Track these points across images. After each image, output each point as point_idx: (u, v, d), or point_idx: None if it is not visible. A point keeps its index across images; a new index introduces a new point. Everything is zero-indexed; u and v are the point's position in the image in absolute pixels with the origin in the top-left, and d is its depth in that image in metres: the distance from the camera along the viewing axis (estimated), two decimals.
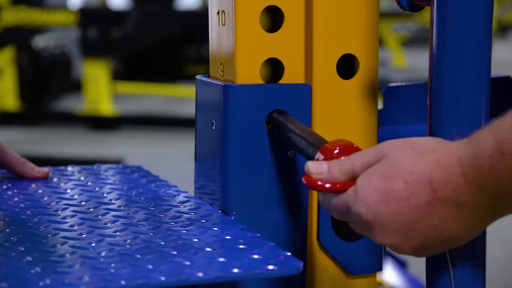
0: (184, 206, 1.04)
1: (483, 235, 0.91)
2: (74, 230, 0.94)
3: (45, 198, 1.08)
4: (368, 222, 0.83)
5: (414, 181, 0.80)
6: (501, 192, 0.77)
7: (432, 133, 0.91)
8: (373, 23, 1.07)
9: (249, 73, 1.03)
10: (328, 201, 0.87)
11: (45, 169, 1.19)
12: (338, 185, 0.86)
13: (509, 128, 0.76)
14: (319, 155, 0.88)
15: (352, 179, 0.85)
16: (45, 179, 1.18)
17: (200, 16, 6.16)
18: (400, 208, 0.80)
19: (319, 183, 0.86)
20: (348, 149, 0.87)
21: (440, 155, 0.80)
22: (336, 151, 0.87)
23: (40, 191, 1.12)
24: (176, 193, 1.10)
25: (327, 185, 0.86)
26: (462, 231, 0.81)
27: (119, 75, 6.79)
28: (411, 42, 9.75)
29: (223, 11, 1.05)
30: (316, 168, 0.86)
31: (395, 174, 0.81)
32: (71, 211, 1.02)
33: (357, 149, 0.87)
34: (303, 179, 0.87)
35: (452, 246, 0.84)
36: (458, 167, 0.78)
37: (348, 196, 0.84)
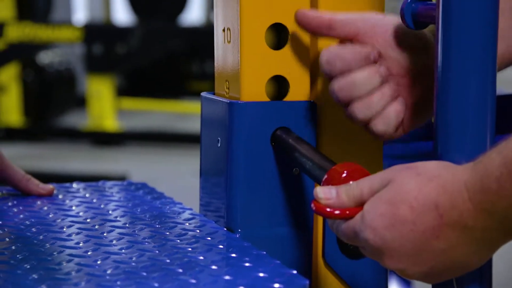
0: (189, 224, 1.04)
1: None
2: (80, 248, 0.94)
3: (50, 215, 1.08)
4: (376, 247, 0.83)
5: (420, 206, 0.80)
6: (510, 213, 0.76)
7: (437, 152, 0.91)
8: None
9: (255, 90, 1.03)
10: (337, 226, 0.88)
11: (50, 186, 1.19)
12: (347, 212, 0.86)
13: None
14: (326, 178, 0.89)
15: (360, 205, 0.85)
16: (50, 196, 1.18)
17: (204, 32, 6.17)
18: (407, 233, 0.81)
19: (328, 209, 0.87)
20: (356, 172, 0.88)
21: (446, 180, 0.80)
22: (344, 175, 0.88)
23: (45, 208, 1.12)
24: (181, 210, 1.10)
25: (336, 212, 0.86)
26: (471, 255, 0.81)
27: (123, 91, 6.80)
28: None
29: (228, 29, 1.05)
30: (325, 193, 0.87)
31: (401, 199, 0.81)
32: (77, 228, 1.02)
33: (364, 172, 0.88)
34: (312, 205, 0.88)
35: (463, 272, 0.83)
36: (464, 191, 0.78)
37: (356, 222, 0.85)
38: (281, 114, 1.03)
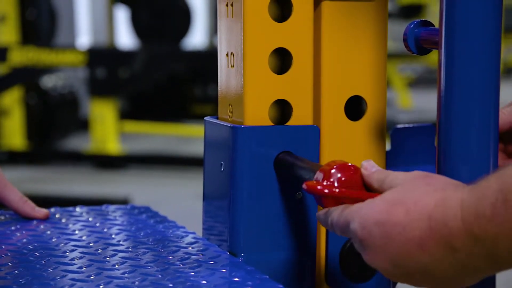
0: (192, 248, 1.04)
1: None
2: (83, 272, 0.93)
3: (53, 239, 1.07)
4: (362, 240, 0.82)
5: (415, 212, 0.79)
6: (500, 243, 0.75)
7: (440, 174, 0.91)
8: (381, 64, 1.07)
9: (258, 114, 1.03)
10: (330, 215, 0.87)
11: (45, 210, 1.19)
12: (336, 190, 0.86)
13: None
14: (318, 174, 0.88)
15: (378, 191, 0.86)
16: (45, 219, 1.17)
17: (207, 56, 6.19)
18: (395, 235, 0.80)
19: (319, 187, 0.87)
20: (344, 167, 0.88)
21: (447, 195, 0.79)
22: (333, 170, 0.88)
23: (48, 232, 1.11)
24: (184, 234, 1.10)
25: (326, 190, 0.86)
26: (453, 277, 0.79)
27: (126, 114, 6.81)
28: (417, 83, 9.78)
29: (232, 53, 1.05)
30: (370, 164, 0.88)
31: (400, 201, 0.81)
32: (80, 252, 1.01)
33: (352, 167, 0.88)
34: (303, 185, 0.88)
35: None
36: (459, 210, 0.77)
37: (351, 211, 0.85)
38: (284, 138, 1.03)
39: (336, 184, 0.87)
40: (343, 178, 0.88)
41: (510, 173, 0.75)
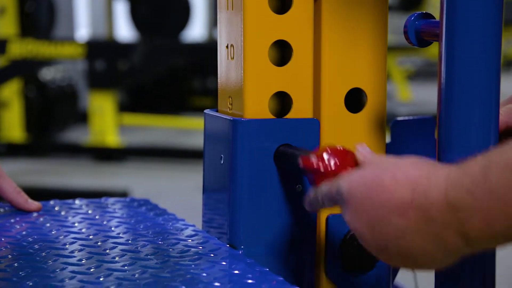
0: (192, 240, 1.04)
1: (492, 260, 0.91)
2: (82, 265, 0.93)
3: (53, 232, 1.07)
4: (346, 199, 0.84)
5: (401, 180, 0.80)
6: (473, 218, 0.75)
7: None
8: (381, 57, 1.07)
9: (258, 106, 1.03)
10: (320, 190, 0.89)
11: (38, 203, 1.19)
12: (331, 163, 0.90)
13: (500, 153, 0.75)
14: (313, 155, 0.91)
15: None
16: (37, 211, 1.18)
17: (206, 49, 6.18)
18: (378, 197, 0.81)
19: (313, 159, 0.90)
20: (337, 148, 0.91)
21: (434, 169, 0.80)
22: (327, 150, 0.90)
23: (48, 224, 1.11)
24: (184, 226, 1.10)
25: (320, 164, 0.89)
26: (426, 250, 0.79)
27: (125, 107, 6.80)
28: (416, 75, 9.77)
29: (232, 45, 1.05)
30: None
31: (390, 169, 0.82)
32: (79, 245, 1.01)
33: (345, 149, 0.91)
34: (299, 160, 0.91)
35: (415, 267, 0.82)
36: (443, 182, 0.78)
37: (342, 177, 0.86)
38: (284, 131, 1.02)
39: (330, 161, 0.90)
40: (336, 158, 0.90)
41: (496, 151, 0.76)
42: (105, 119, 5.59)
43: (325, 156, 0.90)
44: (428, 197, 0.78)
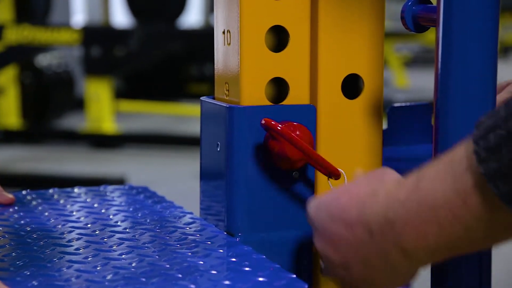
0: (190, 228, 1.04)
1: (488, 259, 0.91)
2: (80, 254, 0.93)
3: (51, 221, 1.07)
4: (313, 222, 0.88)
5: (355, 199, 0.83)
6: (407, 230, 0.77)
7: (438, 153, 0.90)
8: (378, 43, 1.07)
9: (254, 92, 1.03)
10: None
11: (11, 196, 1.16)
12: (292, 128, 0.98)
13: (432, 165, 0.76)
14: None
15: None
16: (10, 204, 1.14)
17: (203, 35, 6.17)
18: (336, 216, 0.84)
19: (273, 122, 0.97)
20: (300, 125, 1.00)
21: (382, 185, 0.83)
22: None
23: (46, 213, 1.11)
24: (181, 214, 1.10)
25: (279, 127, 0.97)
26: (377, 265, 0.81)
27: (121, 93, 6.79)
28: (413, 62, 9.76)
29: (228, 31, 1.05)
30: None
31: (349, 189, 0.86)
32: (77, 234, 1.01)
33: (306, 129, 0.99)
34: (262, 121, 0.97)
35: (374, 285, 0.84)
36: (385, 197, 0.80)
37: (313, 200, 0.90)
38: (280, 117, 1.02)
39: (283, 124, 0.99)
40: (292, 127, 0.99)
41: (429, 163, 0.77)
42: (102, 106, 5.58)
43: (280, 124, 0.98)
44: (370, 213, 0.81)
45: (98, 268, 0.88)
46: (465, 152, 0.73)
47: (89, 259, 0.91)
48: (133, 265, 0.89)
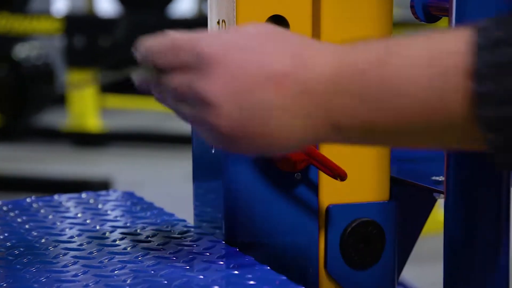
0: (184, 238, 1.03)
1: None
2: (68, 271, 0.91)
3: (33, 234, 1.05)
4: (207, 65, 0.77)
5: (284, 47, 0.77)
6: (352, 103, 0.73)
7: (450, 153, 0.91)
8: (385, 33, 1.07)
9: None
10: (167, 83, 0.82)
11: None
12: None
13: (402, 44, 0.73)
14: None
15: None
16: None
17: (195, 25, 6.15)
18: (252, 64, 0.77)
19: None
20: None
21: (321, 43, 0.80)
22: None
23: (26, 226, 1.09)
24: (174, 222, 1.10)
25: None
26: (293, 127, 0.76)
27: (107, 87, 6.79)
28: None
29: (223, 21, 1.05)
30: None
31: (271, 33, 0.79)
32: (62, 248, 0.98)
33: None
34: None
35: (275, 147, 0.79)
36: (330, 55, 0.76)
37: (196, 39, 0.81)
38: None
39: None
40: None
41: (406, 42, 0.74)
42: (85, 101, 5.59)
43: None
44: (310, 71, 0.75)
45: (90, 287, 0.88)
46: (458, 47, 0.69)
47: (79, 277, 0.90)
48: (127, 282, 0.88)
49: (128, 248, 1.00)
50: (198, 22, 6.19)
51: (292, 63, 0.76)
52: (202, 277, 0.90)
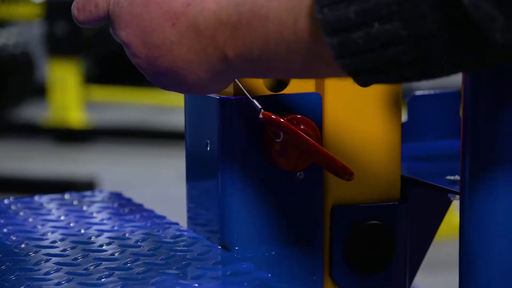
0: (177, 242, 1.04)
1: None
2: (51, 279, 0.92)
3: (12, 238, 1.06)
4: (120, 9, 0.90)
5: None
6: (235, 34, 0.82)
7: (466, 150, 0.91)
8: None
9: (250, 80, 1.03)
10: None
11: None
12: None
13: None
14: None
15: None
16: None
17: None
18: (153, 5, 0.87)
19: (273, 116, 0.97)
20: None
21: None
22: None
23: (5, 230, 1.10)
24: (165, 225, 1.10)
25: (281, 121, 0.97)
26: (191, 64, 0.87)
27: (92, 78, 6.80)
28: None
29: None
30: None
31: None
32: (44, 254, 0.99)
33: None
34: (260, 115, 0.98)
35: (185, 87, 0.90)
36: None
37: None
38: (281, 109, 1.03)
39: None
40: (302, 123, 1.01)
41: None
42: (68, 93, 5.58)
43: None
44: (202, 8, 0.85)
45: None
46: None
47: (63, 285, 0.91)
48: None
49: (116, 254, 1.00)
50: None
51: (187, 1, 0.86)
52: (196, 285, 0.90)
